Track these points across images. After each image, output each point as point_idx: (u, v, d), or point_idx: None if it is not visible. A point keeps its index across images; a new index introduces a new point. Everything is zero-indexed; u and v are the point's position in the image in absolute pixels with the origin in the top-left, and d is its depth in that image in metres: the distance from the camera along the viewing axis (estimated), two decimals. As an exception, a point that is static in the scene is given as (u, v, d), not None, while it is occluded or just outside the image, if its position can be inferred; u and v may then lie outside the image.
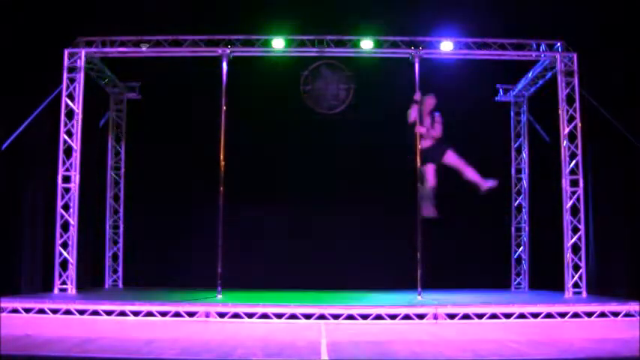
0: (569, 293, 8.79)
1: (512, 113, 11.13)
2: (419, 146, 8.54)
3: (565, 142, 9.10)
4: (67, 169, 8.95)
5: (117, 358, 4.83)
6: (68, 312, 7.19)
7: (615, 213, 8.79)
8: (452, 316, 7.14)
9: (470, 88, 10.41)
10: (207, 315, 7.13)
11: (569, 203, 9.02)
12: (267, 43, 9.34)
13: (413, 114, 8.55)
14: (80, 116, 9.10)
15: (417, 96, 8.61)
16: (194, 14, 9.73)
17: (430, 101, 8.58)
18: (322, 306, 7.24)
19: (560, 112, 9.19)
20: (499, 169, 11.01)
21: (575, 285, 8.82)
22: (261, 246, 10.29)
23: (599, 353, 5.04)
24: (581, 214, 8.93)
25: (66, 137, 8.99)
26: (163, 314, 7.16)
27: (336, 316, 7.09)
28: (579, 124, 9.07)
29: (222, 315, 7.15)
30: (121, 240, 10.71)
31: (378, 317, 7.10)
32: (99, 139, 10.55)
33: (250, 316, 7.14)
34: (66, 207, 8.89)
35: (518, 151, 11.11)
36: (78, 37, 9.26)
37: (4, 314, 7.03)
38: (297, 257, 10.29)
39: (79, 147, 9.03)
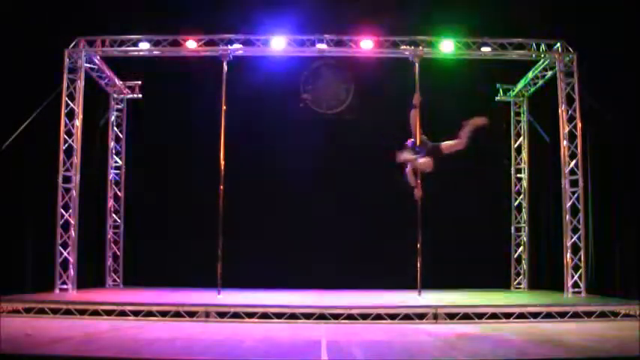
0: (569, 293, 8.79)
1: (512, 113, 11.14)
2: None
3: (565, 142, 9.11)
4: (67, 169, 8.96)
5: (117, 358, 4.83)
6: (68, 312, 7.18)
7: (615, 213, 8.78)
8: (452, 316, 7.14)
9: (470, 88, 10.40)
10: (207, 315, 7.13)
11: (569, 203, 9.03)
12: (267, 43, 9.35)
13: (412, 120, 8.43)
14: (80, 116, 9.11)
15: (417, 98, 8.46)
16: (194, 14, 9.73)
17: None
18: (322, 306, 7.24)
19: (560, 112, 9.19)
20: (499, 169, 11.06)
21: (575, 285, 8.83)
22: (261, 246, 10.28)
23: (599, 353, 5.04)
24: (581, 214, 8.93)
25: (66, 137, 9.00)
26: (163, 314, 7.16)
27: (336, 316, 7.09)
28: (579, 124, 9.07)
29: (222, 315, 7.14)
30: (121, 240, 10.72)
31: (378, 317, 7.09)
32: (99, 139, 10.55)
33: (250, 316, 7.13)
34: (66, 207, 8.90)
35: (518, 151, 11.11)
36: (78, 37, 9.27)
37: (4, 314, 7.03)
38: (298, 257, 10.28)
39: (79, 147, 9.03)
